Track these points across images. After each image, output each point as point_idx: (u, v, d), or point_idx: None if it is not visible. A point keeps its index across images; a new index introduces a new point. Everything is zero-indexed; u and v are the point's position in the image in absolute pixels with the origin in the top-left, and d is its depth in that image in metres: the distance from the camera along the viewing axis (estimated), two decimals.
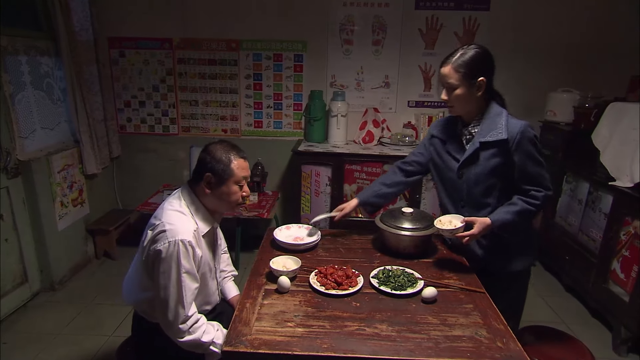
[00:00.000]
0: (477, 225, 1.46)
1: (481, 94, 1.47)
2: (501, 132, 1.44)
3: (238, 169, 1.40)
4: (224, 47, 3.24)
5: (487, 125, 1.48)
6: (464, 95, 1.46)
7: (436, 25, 3.13)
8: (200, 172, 1.40)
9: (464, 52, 1.45)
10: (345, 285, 1.44)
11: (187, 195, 1.43)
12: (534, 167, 1.45)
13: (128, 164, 3.49)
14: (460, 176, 1.57)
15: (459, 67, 1.44)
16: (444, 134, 1.65)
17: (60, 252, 2.78)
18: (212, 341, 1.36)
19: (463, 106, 1.51)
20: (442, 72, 1.48)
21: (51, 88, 2.80)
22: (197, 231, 1.37)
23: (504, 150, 1.45)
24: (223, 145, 1.43)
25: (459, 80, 1.44)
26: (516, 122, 1.45)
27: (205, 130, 3.43)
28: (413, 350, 1.16)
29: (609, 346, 2.30)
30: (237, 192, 1.42)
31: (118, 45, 3.26)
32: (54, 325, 2.39)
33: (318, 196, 3.05)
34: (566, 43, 3.10)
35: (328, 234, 1.90)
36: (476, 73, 1.44)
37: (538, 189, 1.46)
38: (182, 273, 1.29)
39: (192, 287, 1.33)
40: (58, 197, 2.75)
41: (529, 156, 1.44)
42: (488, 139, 1.46)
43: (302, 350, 1.15)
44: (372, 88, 3.29)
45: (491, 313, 1.35)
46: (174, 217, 1.34)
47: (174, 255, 1.28)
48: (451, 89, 1.47)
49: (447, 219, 1.53)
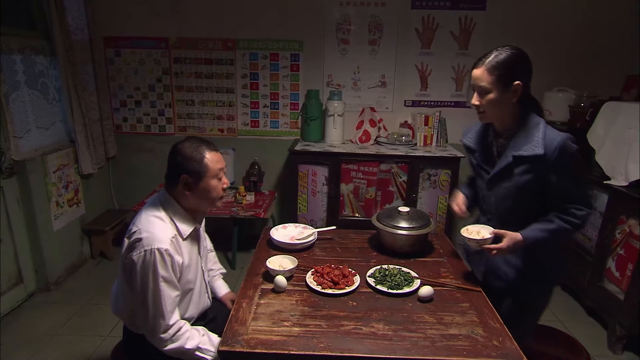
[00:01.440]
0: (506, 240, 1.34)
1: (516, 100, 1.33)
2: (537, 147, 1.29)
3: (212, 162, 1.35)
4: (220, 46, 3.23)
5: (522, 138, 1.34)
6: (497, 100, 1.32)
7: (432, 25, 3.14)
8: (175, 175, 1.35)
9: (499, 53, 1.31)
10: (341, 285, 1.44)
11: (165, 199, 1.38)
12: (575, 184, 1.31)
13: (124, 164, 3.48)
14: (489, 188, 1.46)
15: (493, 69, 1.29)
16: (473, 142, 1.52)
17: (56, 253, 2.77)
18: (197, 347, 1.31)
19: (496, 113, 1.37)
20: (474, 74, 1.34)
21: (46, 87, 2.78)
22: (177, 237, 1.33)
23: (540, 166, 1.31)
24: (191, 142, 1.37)
25: (492, 84, 1.30)
26: (555, 135, 1.29)
27: (202, 130, 3.42)
28: (409, 349, 1.16)
29: (604, 344, 2.31)
30: (217, 186, 1.38)
31: (114, 45, 3.25)
32: (49, 326, 2.37)
33: (315, 196, 3.05)
34: (562, 42, 3.11)
35: (324, 234, 1.90)
36: (512, 76, 1.30)
37: (579, 207, 1.32)
38: (160, 282, 1.25)
39: (172, 296, 1.29)
40: (53, 197, 2.73)
41: (569, 173, 1.30)
42: (522, 153, 1.32)
43: (298, 350, 1.15)
44: (369, 87, 3.29)
45: (487, 312, 1.35)
46: (151, 223, 1.30)
47: (150, 264, 1.24)
48: (483, 93, 1.33)
49: (476, 229, 1.43)
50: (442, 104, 3.30)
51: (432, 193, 3.00)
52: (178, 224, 1.36)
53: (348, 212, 3.08)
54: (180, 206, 1.39)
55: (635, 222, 2.17)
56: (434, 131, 3.15)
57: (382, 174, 2.99)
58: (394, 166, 2.96)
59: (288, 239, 1.78)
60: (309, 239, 1.76)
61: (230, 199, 3.22)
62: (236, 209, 3.02)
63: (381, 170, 2.98)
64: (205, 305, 1.55)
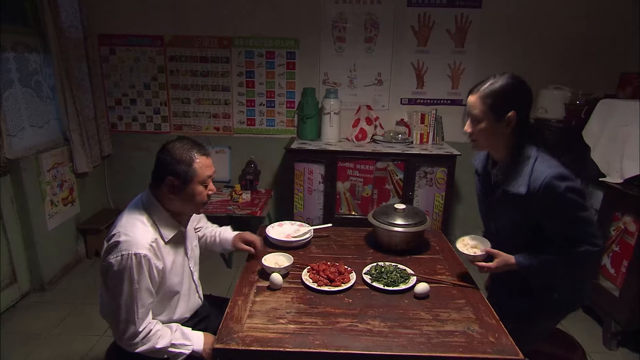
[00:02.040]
0: (497, 260, 1.33)
1: (510, 131, 1.28)
2: (522, 185, 1.24)
3: (201, 168, 1.30)
4: (216, 44, 3.22)
5: (513, 171, 1.29)
6: (489, 130, 1.27)
7: (428, 23, 3.14)
8: (161, 175, 1.30)
9: (495, 80, 1.26)
10: (337, 282, 1.43)
11: (149, 201, 1.34)
12: (567, 226, 1.24)
13: (119, 163, 3.45)
14: (488, 216, 1.46)
15: (486, 98, 1.25)
16: (479, 165, 1.51)
17: (51, 252, 2.75)
18: (170, 344, 1.29)
19: (488, 142, 1.32)
20: (469, 101, 1.30)
21: (40, 85, 2.76)
22: (157, 241, 1.29)
23: (526, 204, 1.26)
24: (182, 143, 1.32)
25: (484, 113, 1.26)
26: (542, 172, 1.22)
27: (198, 129, 3.40)
28: (405, 345, 1.16)
29: (600, 340, 2.32)
30: (202, 192, 1.33)
31: (108, 43, 3.22)
32: (44, 325, 2.36)
33: (311, 194, 3.04)
34: (557, 40, 3.12)
35: (320, 231, 1.89)
36: (506, 106, 1.24)
37: (577, 243, 1.25)
38: (135, 288, 1.22)
39: (146, 303, 1.26)
40: (48, 196, 2.71)
41: (559, 216, 1.24)
42: (509, 189, 1.29)
43: (294, 347, 1.14)
44: (365, 85, 3.28)
45: (483, 308, 1.35)
46: (131, 226, 1.26)
47: (127, 269, 1.20)
48: (476, 121, 1.29)
49: (473, 242, 1.43)
50: (438, 102, 3.30)
51: (428, 191, 3.00)
52: (160, 228, 1.32)
53: (344, 210, 3.08)
54: (164, 208, 1.35)
55: (630, 219, 2.18)
56: (430, 129, 3.15)
57: (379, 172, 2.98)
58: (390, 164, 2.96)
59: (284, 236, 1.77)
60: (305, 237, 1.76)
61: (226, 197, 3.21)
62: (232, 208, 3.01)
63: (377, 168, 2.98)
64: (196, 305, 1.53)
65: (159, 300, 1.35)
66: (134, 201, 1.37)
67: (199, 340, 1.35)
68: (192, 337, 1.35)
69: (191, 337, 1.35)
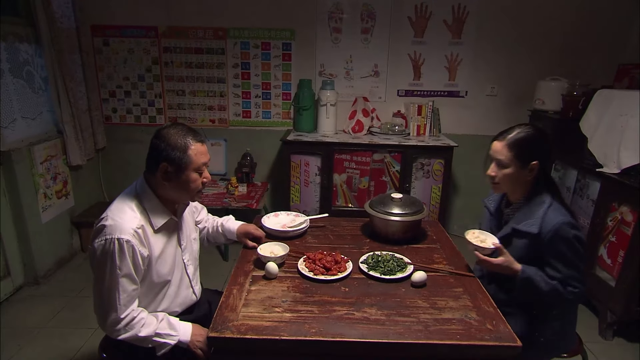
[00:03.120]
0: (502, 259, 1.35)
1: (531, 178, 1.40)
2: (534, 225, 1.34)
3: (196, 155, 1.28)
4: (211, 35, 3.18)
5: (525, 213, 1.40)
6: (512, 176, 1.39)
7: (425, 13, 3.11)
8: (155, 162, 1.27)
9: (521, 130, 1.38)
10: (334, 271, 1.42)
11: (142, 188, 1.32)
12: (567, 268, 1.33)
13: (114, 156, 3.42)
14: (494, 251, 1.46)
15: (514, 146, 1.36)
16: (492, 205, 1.59)
17: (45, 245, 2.72)
18: (154, 333, 1.27)
19: (509, 186, 1.43)
20: (495, 147, 1.40)
21: (31, 76, 2.71)
22: (145, 228, 1.27)
23: (535, 243, 1.35)
24: (177, 129, 1.29)
25: (510, 160, 1.37)
26: (554, 218, 1.32)
27: (193, 121, 3.37)
28: (402, 333, 1.15)
29: (596, 330, 2.33)
30: (196, 180, 1.31)
31: (101, 34, 3.18)
32: (38, 319, 2.34)
33: (308, 186, 3.02)
34: (555, 31, 3.10)
35: (317, 221, 1.88)
36: (531, 155, 1.36)
37: (573, 284, 1.34)
38: (117, 274, 1.20)
39: (129, 289, 1.23)
40: (41, 189, 2.68)
41: (561, 257, 1.33)
42: (520, 227, 1.38)
43: (290, 335, 1.13)
44: (362, 77, 3.26)
45: (481, 296, 1.34)
46: (119, 212, 1.25)
47: (109, 254, 1.19)
48: (501, 166, 1.39)
49: (483, 237, 1.44)
50: (435, 93, 3.28)
51: (425, 183, 2.99)
52: (151, 215, 1.30)
53: (341, 203, 3.07)
54: (157, 196, 1.33)
55: (627, 209, 2.18)
56: (427, 121, 3.14)
57: (375, 163, 2.97)
58: (387, 156, 2.95)
59: (280, 226, 1.76)
60: (301, 227, 1.74)
61: (222, 190, 3.18)
62: (228, 200, 2.99)
63: (374, 160, 2.96)
64: (188, 300, 1.48)
65: (145, 290, 1.32)
66: (129, 187, 1.36)
67: (185, 331, 1.32)
68: (178, 327, 1.32)
69: (178, 327, 1.32)
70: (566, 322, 1.49)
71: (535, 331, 1.44)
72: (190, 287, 1.49)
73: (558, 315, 1.45)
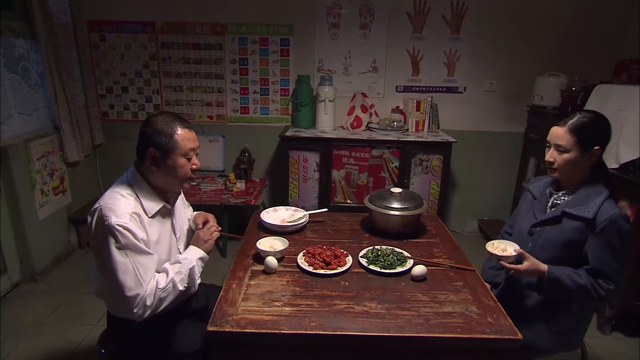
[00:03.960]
0: (527, 263, 1.34)
1: (590, 165, 1.37)
2: (589, 211, 1.32)
3: (183, 140, 1.29)
4: (209, 31, 3.16)
5: (580, 199, 1.37)
6: (573, 161, 1.36)
7: (424, 9, 3.10)
8: (143, 148, 1.29)
9: (582, 115, 1.36)
10: (333, 265, 1.42)
11: (133, 176, 1.33)
12: (612, 261, 1.32)
13: (111, 152, 3.40)
14: (530, 234, 1.48)
15: (576, 131, 1.34)
16: (536, 190, 1.57)
17: (42, 242, 2.70)
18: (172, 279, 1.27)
19: (568, 171, 1.39)
20: (556, 132, 1.38)
21: (27, 72, 2.69)
22: (140, 213, 1.27)
23: (585, 230, 1.34)
24: (164, 116, 1.31)
25: (572, 145, 1.34)
26: (610, 209, 1.32)
27: (191, 117, 3.35)
28: (403, 326, 1.14)
29: (594, 325, 2.33)
30: (184, 166, 1.32)
31: (98, 29, 3.15)
32: (35, 316, 2.32)
33: (306, 182, 3.02)
34: (553, 27, 3.09)
35: (316, 216, 1.87)
36: (592, 140, 1.34)
37: (607, 281, 1.34)
38: (124, 252, 1.19)
39: (144, 263, 1.22)
40: (38, 185, 2.66)
41: (610, 248, 1.31)
42: (573, 211, 1.36)
43: (290, 329, 1.12)
44: (360, 73, 3.25)
45: (481, 290, 1.34)
46: (112, 199, 1.25)
47: (109, 238, 1.19)
48: (561, 152, 1.37)
49: (502, 246, 1.41)
50: (434, 89, 3.27)
51: (424, 178, 2.99)
52: (143, 202, 1.31)
53: (340, 199, 3.06)
54: (147, 183, 1.34)
55: (626, 203, 2.18)
56: (426, 117, 3.13)
57: (374, 159, 2.96)
58: (386, 152, 2.94)
59: (279, 221, 1.75)
60: (300, 222, 1.73)
61: (220, 186, 3.17)
62: (226, 197, 2.98)
63: (373, 156, 2.95)
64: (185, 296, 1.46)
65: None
66: (120, 178, 1.36)
67: (193, 253, 1.38)
68: (185, 257, 1.35)
69: (183, 258, 1.35)
70: (582, 319, 1.49)
71: (551, 319, 1.44)
72: None
73: (576, 311, 1.46)
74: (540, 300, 1.45)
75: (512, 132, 3.29)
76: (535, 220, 1.48)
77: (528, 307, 1.47)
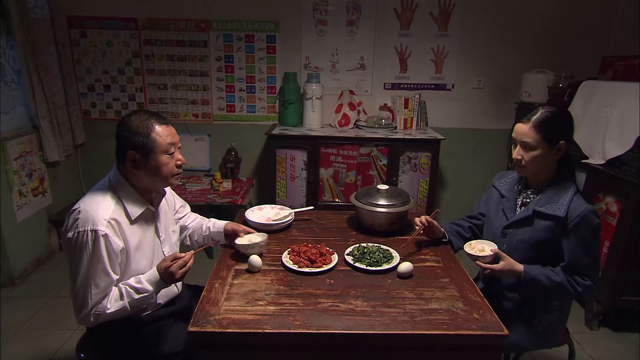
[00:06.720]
0: (503, 263, 1.34)
1: (557, 159, 1.38)
2: (560, 209, 1.32)
3: (161, 136, 1.24)
4: (193, 27, 3.10)
5: (549, 197, 1.37)
6: (540, 157, 1.34)
7: (411, 5, 3.08)
8: (122, 151, 1.24)
9: (545, 111, 1.35)
10: (319, 263, 1.38)
11: (116, 178, 1.28)
12: (586, 257, 1.32)
13: (94, 152, 3.32)
14: (503, 235, 1.47)
15: (540, 126, 1.32)
16: (504, 188, 1.55)
17: (20, 245, 2.62)
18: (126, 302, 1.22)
19: (536, 168, 1.38)
20: (520, 130, 1.36)
21: (3, 69, 2.60)
22: (120, 219, 1.22)
23: (557, 228, 1.34)
24: (139, 115, 1.25)
25: (537, 141, 1.33)
26: (580, 204, 1.31)
27: (176, 115, 3.29)
28: (388, 324, 1.12)
29: (582, 320, 2.34)
30: (167, 163, 1.26)
31: (78, 25, 3.07)
32: (14, 320, 2.24)
33: (294, 181, 2.98)
34: (540, 24, 3.10)
35: (302, 214, 1.83)
36: (558, 135, 1.34)
37: (584, 277, 1.33)
38: (90, 269, 1.16)
39: (101, 285, 1.18)
40: (15, 186, 2.58)
41: (583, 244, 1.31)
42: (544, 210, 1.36)
43: (273, 328, 1.09)
44: (348, 70, 3.22)
45: (467, 286, 1.32)
46: (92, 203, 1.21)
47: (83, 247, 1.15)
48: (528, 149, 1.35)
49: (480, 246, 1.41)
50: (422, 86, 3.26)
51: (412, 176, 2.97)
52: (127, 205, 1.26)
53: (328, 198, 3.03)
54: (131, 185, 1.28)
55: (612, 199, 2.19)
56: (414, 114, 3.12)
57: (362, 157, 2.94)
58: (374, 149, 2.91)
59: (264, 220, 1.71)
60: (286, 220, 1.70)
61: (206, 186, 3.11)
62: (212, 196, 2.93)
63: (361, 154, 2.93)
64: (171, 293, 1.43)
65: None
66: (102, 180, 1.31)
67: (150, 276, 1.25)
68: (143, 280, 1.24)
69: (142, 280, 1.24)
70: (563, 315, 1.49)
71: (534, 319, 1.44)
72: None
73: (557, 307, 1.45)
74: (519, 300, 1.44)
75: (501, 129, 3.29)
76: (507, 221, 1.46)
77: (507, 308, 1.46)
